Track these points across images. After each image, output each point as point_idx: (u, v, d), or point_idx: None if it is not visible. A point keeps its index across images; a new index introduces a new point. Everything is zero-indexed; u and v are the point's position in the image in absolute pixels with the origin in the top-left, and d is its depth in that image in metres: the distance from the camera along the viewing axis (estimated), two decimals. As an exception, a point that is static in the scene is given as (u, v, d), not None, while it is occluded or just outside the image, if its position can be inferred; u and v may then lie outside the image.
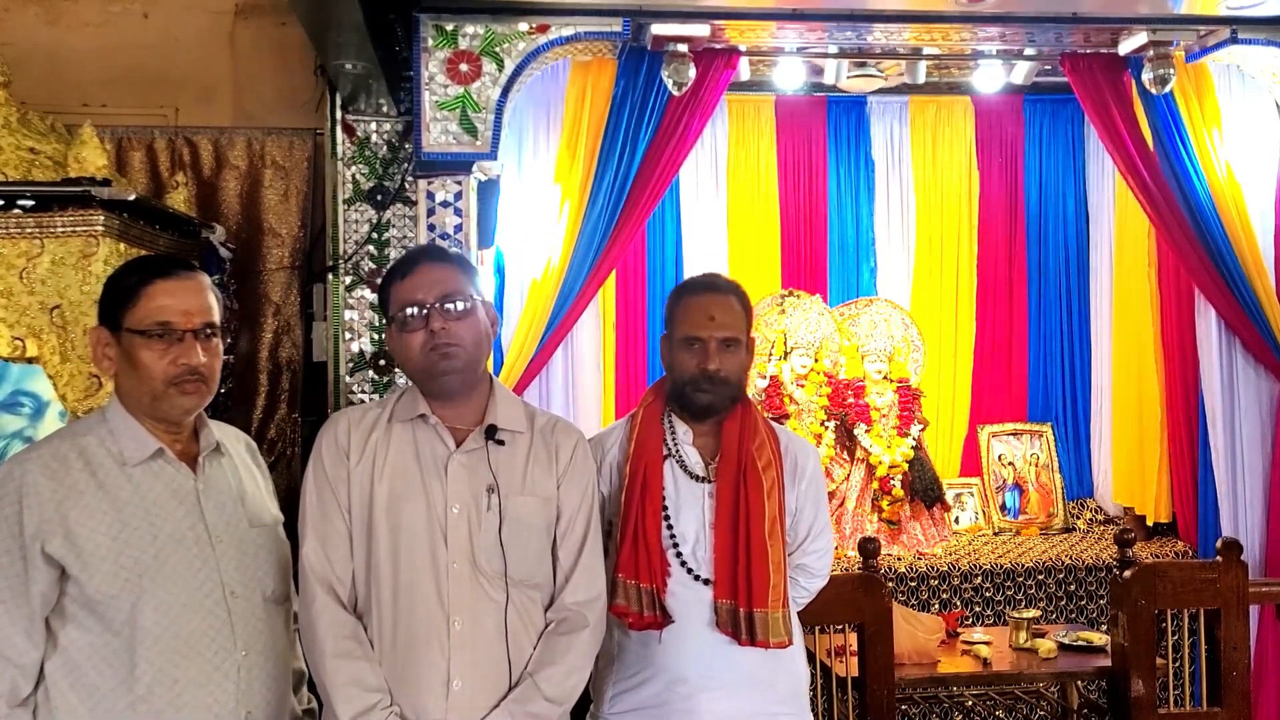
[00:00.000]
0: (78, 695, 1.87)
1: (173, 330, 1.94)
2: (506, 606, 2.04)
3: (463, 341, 2.07)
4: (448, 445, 2.10)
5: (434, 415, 2.11)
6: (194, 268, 2.06)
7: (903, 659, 3.39)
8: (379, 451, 2.09)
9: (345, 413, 2.18)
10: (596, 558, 2.18)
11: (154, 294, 1.95)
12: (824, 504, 2.53)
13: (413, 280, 2.09)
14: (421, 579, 2.03)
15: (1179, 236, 4.35)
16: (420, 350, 2.07)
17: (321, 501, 2.09)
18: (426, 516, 2.05)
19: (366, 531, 2.06)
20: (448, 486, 2.07)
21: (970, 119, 5.25)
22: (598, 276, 4.15)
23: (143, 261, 2.11)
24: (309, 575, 2.06)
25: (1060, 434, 5.26)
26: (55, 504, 1.88)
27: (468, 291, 2.11)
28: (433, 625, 2.01)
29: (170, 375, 1.94)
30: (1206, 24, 4.10)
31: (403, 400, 2.16)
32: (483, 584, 2.04)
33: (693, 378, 2.35)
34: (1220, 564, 3.44)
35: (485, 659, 2.02)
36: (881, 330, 4.85)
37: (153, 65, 4.52)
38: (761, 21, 4.02)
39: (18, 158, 3.37)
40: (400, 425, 2.12)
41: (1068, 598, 4.55)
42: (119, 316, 1.96)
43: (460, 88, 3.87)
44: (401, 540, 2.04)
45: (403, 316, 2.08)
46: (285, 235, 4.48)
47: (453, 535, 2.04)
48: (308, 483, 2.12)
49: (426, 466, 2.08)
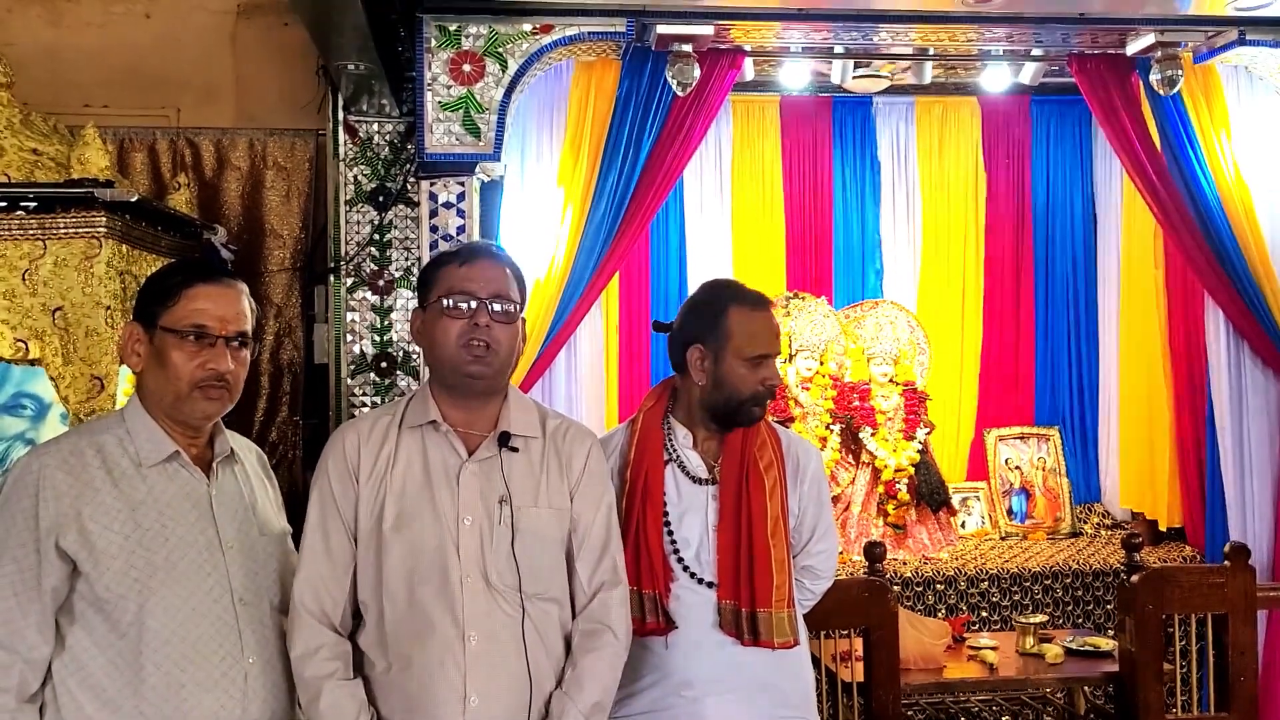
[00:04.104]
0: (84, 695, 1.88)
1: (207, 334, 1.97)
2: (523, 621, 2.00)
3: (500, 346, 2.04)
4: (459, 454, 2.06)
5: (445, 422, 2.06)
6: (235, 276, 2.08)
7: (908, 664, 3.37)
8: (389, 464, 2.05)
9: (354, 425, 2.12)
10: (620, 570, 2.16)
11: (194, 296, 1.97)
12: (827, 505, 2.52)
13: (470, 270, 2.06)
14: (434, 594, 1.98)
15: (1186, 238, 4.32)
16: (456, 340, 2.03)
17: (324, 520, 2.05)
18: (437, 529, 2.00)
19: (376, 547, 2.02)
20: (459, 497, 2.02)
21: (977, 120, 5.22)
22: (601, 279, 4.13)
23: (186, 264, 2.18)
24: (296, 599, 2.01)
25: (1067, 437, 5.23)
26: (71, 499, 1.89)
27: (516, 298, 2.09)
28: (447, 641, 1.97)
29: (197, 378, 1.96)
30: (1214, 25, 4.08)
31: (414, 404, 2.12)
32: (497, 599, 2.00)
33: (756, 395, 2.35)
34: (1228, 569, 3.42)
35: (503, 674, 1.98)
36: (887, 333, 4.83)
37: (154, 66, 4.52)
38: (766, 22, 4.00)
39: (20, 159, 3.36)
40: (410, 432, 2.07)
41: (1075, 603, 4.52)
42: (156, 314, 1.98)
43: (463, 88, 3.86)
44: (412, 555, 2.00)
45: (450, 302, 2.04)
46: (287, 236, 4.47)
47: (465, 548, 2.00)
48: (311, 501, 2.09)
49: (436, 477, 2.04)
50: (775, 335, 2.41)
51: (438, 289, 2.06)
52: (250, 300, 2.07)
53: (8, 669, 1.85)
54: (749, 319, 2.36)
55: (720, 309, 2.37)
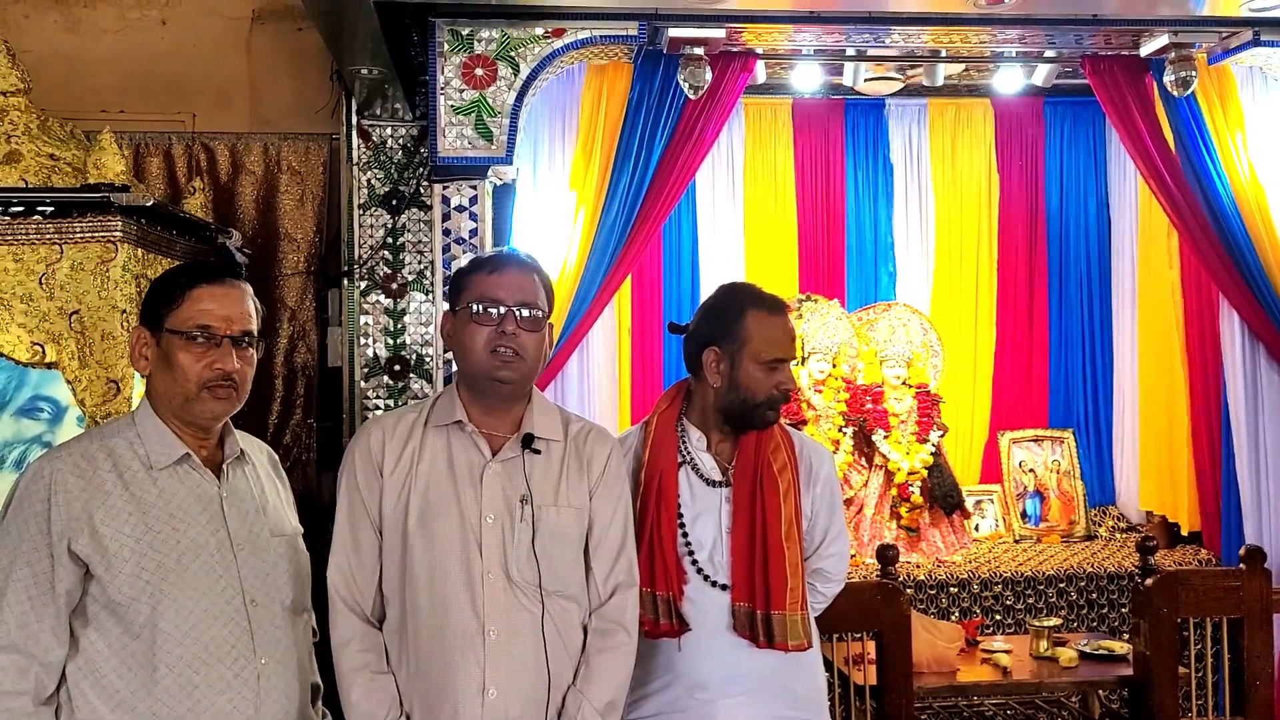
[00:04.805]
0: (98, 697, 1.89)
1: (212, 334, 1.98)
2: (543, 617, 2.05)
3: (526, 353, 2.09)
4: (483, 453, 2.11)
5: (470, 423, 2.12)
6: (240, 276, 2.09)
7: (921, 667, 3.36)
8: (414, 460, 2.10)
9: (379, 421, 2.18)
10: (634, 570, 2.19)
11: (198, 297, 1.99)
12: (839, 508, 2.52)
13: (498, 278, 2.11)
14: (456, 588, 2.04)
15: (1201, 240, 4.30)
16: (483, 347, 2.08)
17: (352, 513, 2.11)
18: (460, 526, 2.06)
19: (401, 541, 2.07)
20: (482, 495, 2.08)
21: (990, 121, 5.21)
22: (613, 281, 4.14)
23: (190, 265, 2.19)
24: (331, 587, 2.09)
25: (1082, 440, 5.21)
26: (83, 503, 1.90)
27: (544, 306, 2.14)
28: (467, 634, 2.02)
29: (204, 379, 1.97)
30: (1228, 26, 4.06)
31: (440, 404, 2.17)
32: (517, 594, 2.05)
33: (772, 399, 2.35)
34: (1243, 572, 3.41)
35: (521, 668, 2.03)
36: (900, 335, 4.82)
37: (170, 71, 4.55)
38: (778, 24, 3.99)
39: (38, 164, 3.38)
40: (435, 431, 2.13)
41: (1089, 606, 4.50)
42: (161, 317, 1.99)
43: (475, 92, 3.87)
44: (436, 549, 2.05)
45: (478, 309, 2.09)
46: (301, 240, 4.49)
47: (487, 545, 2.05)
48: (339, 493, 2.15)
49: (461, 475, 2.09)
50: (791, 340, 2.41)
51: (467, 295, 2.12)
52: (255, 300, 2.08)
53: (24, 672, 1.86)
54: (766, 323, 2.36)
55: (737, 312, 2.37)
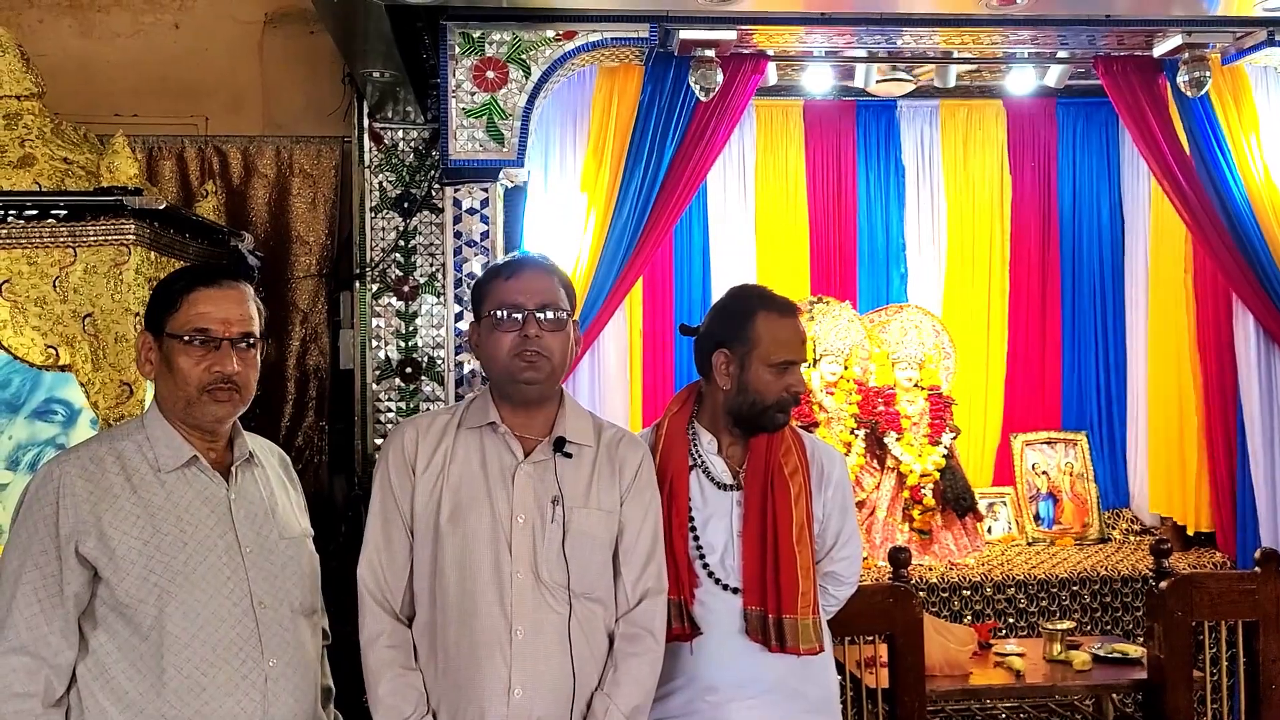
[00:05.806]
0: (108, 699, 1.89)
1: (211, 337, 1.99)
2: (569, 618, 2.06)
3: (551, 353, 2.11)
4: (515, 455, 2.13)
5: (504, 424, 2.13)
6: (238, 278, 2.10)
7: (934, 670, 3.35)
8: (447, 459, 2.12)
9: (414, 421, 2.22)
10: (663, 577, 2.21)
11: (196, 301, 2.00)
12: (851, 511, 2.51)
13: (516, 283, 2.13)
14: (485, 587, 2.05)
15: (1215, 241, 4.28)
16: (508, 352, 2.10)
17: (384, 510, 2.14)
18: (491, 525, 2.08)
19: (432, 539, 2.10)
20: (513, 496, 2.09)
21: (1002, 122, 5.20)
22: (625, 284, 4.13)
23: (190, 269, 2.20)
24: (360, 583, 2.11)
25: (1095, 443, 5.19)
26: (90, 506, 1.91)
27: (565, 306, 2.15)
28: (495, 633, 2.04)
29: (205, 382, 1.98)
30: (1242, 26, 4.03)
31: (474, 406, 2.19)
32: (545, 595, 2.06)
33: (781, 401, 2.35)
34: (1259, 575, 3.38)
35: (547, 668, 2.04)
36: (912, 337, 4.81)
37: (183, 75, 4.58)
38: (789, 26, 3.99)
39: (52, 168, 3.40)
40: (469, 432, 2.15)
41: (1103, 609, 4.48)
42: (162, 321, 2.01)
43: (487, 95, 3.87)
44: (466, 548, 2.07)
45: (499, 316, 2.11)
46: (313, 243, 4.51)
47: (517, 545, 2.07)
48: (373, 490, 2.18)
49: (493, 475, 2.11)
50: (802, 342, 2.42)
51: (488, 303, 2.14)
52: (257, 301, 2.09)
53: (34, 674, 1.87)
54: (777, 325, 2.36)
55: (748, 314, 2.37)
